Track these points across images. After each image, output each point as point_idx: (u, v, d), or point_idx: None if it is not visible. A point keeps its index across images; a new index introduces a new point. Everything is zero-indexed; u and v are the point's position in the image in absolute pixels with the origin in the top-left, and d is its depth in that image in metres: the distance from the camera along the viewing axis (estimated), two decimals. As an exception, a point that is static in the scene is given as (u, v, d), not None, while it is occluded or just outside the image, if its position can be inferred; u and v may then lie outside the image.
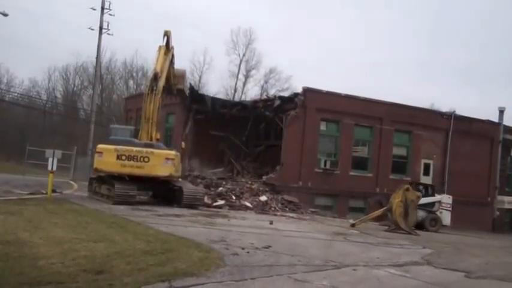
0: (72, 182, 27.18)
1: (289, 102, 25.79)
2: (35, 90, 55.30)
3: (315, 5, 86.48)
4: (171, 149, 19.22)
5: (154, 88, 18.93)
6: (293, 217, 19.58)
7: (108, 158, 17.39)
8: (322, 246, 11.61)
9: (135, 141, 18.56)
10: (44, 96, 54.76)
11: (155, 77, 19.21)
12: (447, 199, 22.78)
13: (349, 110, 25.77)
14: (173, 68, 21.11)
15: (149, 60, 48.84)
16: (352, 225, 18.22)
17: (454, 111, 29.90)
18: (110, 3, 36.08)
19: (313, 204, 23.98)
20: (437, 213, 21.97)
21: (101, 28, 35.92)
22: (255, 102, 30.40)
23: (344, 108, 25.69)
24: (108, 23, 36.14)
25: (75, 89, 57.67)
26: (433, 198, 22.18)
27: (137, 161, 17.36)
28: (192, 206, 17.74)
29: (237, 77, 55.46)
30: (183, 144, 23.03)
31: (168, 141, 26.12)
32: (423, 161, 28.25)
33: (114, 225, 11.39)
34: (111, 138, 19.32)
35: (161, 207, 17.00)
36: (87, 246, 8.19)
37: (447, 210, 22.35)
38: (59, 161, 17.77)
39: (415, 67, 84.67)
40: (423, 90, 77.19)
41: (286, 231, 14.10)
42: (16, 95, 49.79)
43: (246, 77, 56.02)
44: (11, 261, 6.77)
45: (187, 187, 19.00)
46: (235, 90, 55.14)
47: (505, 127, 30.80)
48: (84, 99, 56.52)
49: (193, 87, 30.07)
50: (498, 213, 30.49)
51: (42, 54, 71.30)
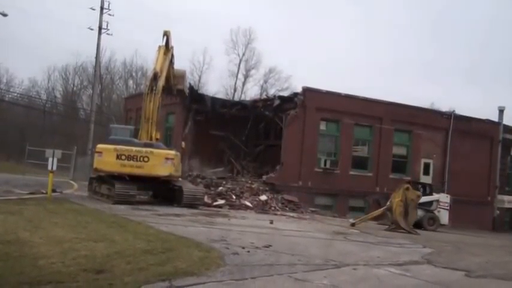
0: (72, 181, 27.17)
1: (288, 101, 25.80)
2: (34, 90, 55.40)
3: (315, 5, 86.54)
4: (171, 149, 19.22)
5: (154, 88, 18.92)
6: (293, 216, 19.58)
7: (107, 157, 17.39)
8: (322, 246, 11.61)
9: (135, 141, 18.56)
10: (43, 96, 54.83)
11: (155, 77, 19.21)
12: (445, 198, 22.77)
13: (349, 109, 25.79)
14: (173, 68, 21.11)
15: (149, 60, 48.89)
16: (352, 225, 18.21)
17: (453, 111, 29.92)
18: (109, 3, 36.21)
19: (313, 203, 23.99)
20: (435, 212, 21.95)
21: (100, 28, 35.95)
22: (254, 102, 30.41)
23: (344, 107, 25.70)
24: (107, 23, 36.27)
25: (75, 88, 57.74)
26: (431, 197, 22.16)
27: (137, 160, 17.36)
28: (192, 205, 17.73)
29: (237, 76, 55.54)
30: (183, 144, 23.04)
31: (168, 141, 26.13)
32: (423, 161, 28.27)
33: (114, 224, 11.39)
34: (110, 138, 19.32)
35: (161, 207, 17.00)
36: (87, 246, 8.19)
37: (445, 209, 22.34)
38: (58, 161, 17.77)
39: (417, 67, 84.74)
40: (425, 90, 77.44)
41: (287, 230, 14.09)
42: (16, 95, 49.87)
43: (246, 76, 56.09)
44: (11, 260, 6.76)
45: (187, 187, 18.99)
46: (235, 90, 55.22)
47: (505, 126, 30.83)
48: (84, 99, 56.61)
49: (193, 87, 30.07)
50: (498, 212, 30.53)
51: (42, 54, 71.39)
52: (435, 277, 8.94)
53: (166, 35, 20.08)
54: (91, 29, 36.31)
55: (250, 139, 29.74)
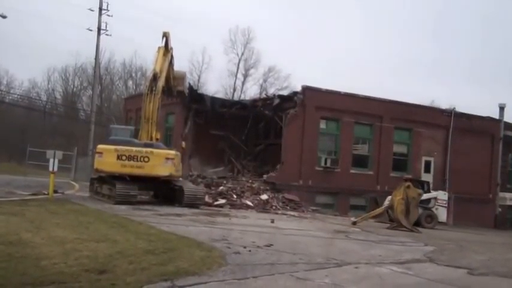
0: (73, 182, 27.22)
1: (288, 100, 25.77)
2: (34, 91, 55.54)
3: (314, 4, 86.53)
4: (171, 149, 19.24)
5: (154, 88, 18.94)
6: (294, 215, 19.59)
7: (108, 158, 17.40)
8: (323, 244, 11.61)
9: (135, 141, 18.57)
10: (43, 97, 54.92)
11: (154, 77, 19.23)
12: (443, 195, 22.76)
13: (349, 108, 25.75)
14: (173, 69, 21.12)
15: (148, 61, 48.93)
16: (354, 223, 18.21)
17: (454, 108, 29.87)
18: (108, 4, 36.24)
19: (314, 202, 23.99)
20: (433, 210, 21.93)
21: (99, 29, 35.98)
22: (254, 101, 30.38)
23: (344, 106, 25.67)
24: (106, 24, 36.29)
25: (75, 89, 57.83)
26: (429, 194, 22.11)
27: (137, 161, 17.37)
28: (193, 205, 17.73)
29: (236, 76, 55.47)
30: (183, 143, 23.04)
31: (168, 141, 26.13)
32: (424, 159, 28.23)
33: (115, 225, 11.40)
34: (111, 138, 19.32)
35: (162, 207, 17.02)
36: (89, 246, 8.20)
37: (443, 206, 22.34)
38: (59, 162, 17.81)
39: (417, 65, 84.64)
40: (425, 88, 77.29)
41: (288, 229, 14.10)
42: (16, 96, 49.97)
43: (245, 76, 56.02)
44: (13, 261, 6.77)
45: (188, 186, 19.00)
46: (235, 90, 55.17)
47: (506, 124, 30.77)
48: (84, 99, 56.68)
49: (193, 87, 30.05)
50: (500, 210, 30.47)
51: (41, 55, 71.42)
52: (437, 275, 8.95)
53: (165, 36, 20.10)
54: (90, 30, 36.40)
55: (250, 138, 29.71)
